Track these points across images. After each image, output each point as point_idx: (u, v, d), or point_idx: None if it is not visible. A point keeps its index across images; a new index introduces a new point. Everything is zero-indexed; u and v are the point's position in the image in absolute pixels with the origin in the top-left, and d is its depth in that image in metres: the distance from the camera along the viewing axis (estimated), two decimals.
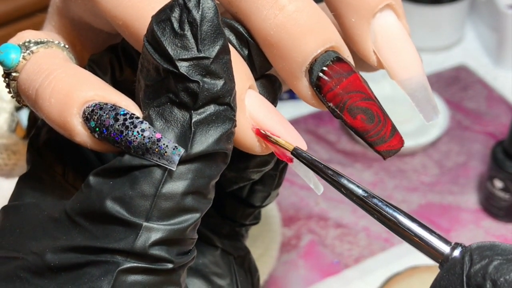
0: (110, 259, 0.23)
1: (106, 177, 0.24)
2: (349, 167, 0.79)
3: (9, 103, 0.49)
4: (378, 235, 0.72)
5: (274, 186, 0.32)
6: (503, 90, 0.90)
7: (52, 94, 0.25)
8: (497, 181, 0.70)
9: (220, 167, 0.24)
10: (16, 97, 0.28)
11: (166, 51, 0.23)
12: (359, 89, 0.25)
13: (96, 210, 0.23)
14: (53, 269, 0.24)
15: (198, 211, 0.24)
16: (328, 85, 0.25)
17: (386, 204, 0.24)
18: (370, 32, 0.26)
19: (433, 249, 0.23)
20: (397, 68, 0.26)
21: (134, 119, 0.23)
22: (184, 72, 0.23)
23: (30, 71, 0.26)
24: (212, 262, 0.31)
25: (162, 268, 0.23)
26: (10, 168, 0.51)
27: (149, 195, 0.23)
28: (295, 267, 0.69)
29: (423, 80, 0.26)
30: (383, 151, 0.25)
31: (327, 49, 0.25)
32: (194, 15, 0.22)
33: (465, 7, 0.95)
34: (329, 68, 0.25)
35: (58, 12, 0.29)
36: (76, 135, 0.25)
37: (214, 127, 0.23)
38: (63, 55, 0.27)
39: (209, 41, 0.23)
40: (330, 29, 0.25)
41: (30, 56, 0.26)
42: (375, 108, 0.25)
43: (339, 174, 0.25)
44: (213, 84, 0.23)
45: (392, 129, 0.25)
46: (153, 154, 0.23)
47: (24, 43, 0.27)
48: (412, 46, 0.26)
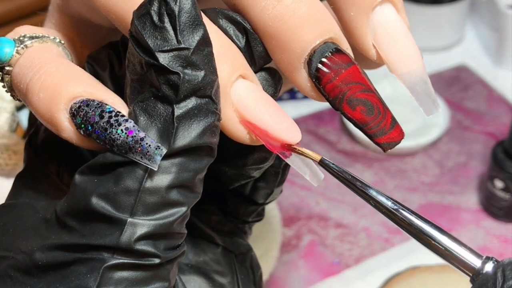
0: (96, 256, 0.23)
1: (91, 175, 0.24)
2: (350, 167, 0.79)
3: (9, 103, 0.49)
4: (379, 235, 0.72)
5: (277, 183, 0.31)
6: (503, 90, 0.90)
7: (41, 88, 0.25)
8: (497, 181, 0.70)
9: (205, 160, 0.24)
10: (10, 91, 0.28)
11: (147, 44, 0.23)
12: (358, 80, 0.25)
13: (82, 208, 0.23)
14: (41, 268, 0.24)
15: (184, 205, 0.24)
16: (327, 76, 0.25)
17: (416, 217, 0.24)
18: (370, 26, 0.26)
19: (465, 263, 0.23)
20: (397, 61, 0.26)
21: (119, 117, 0.23)
22: (164, 63, 0.23)
23: (23, 65, 0.26)
24: (213, 260, 0.31)
25: (148, 264, 0.23)
26: (11, 168, 0.51)
27: (133, 190, 0.23)
28: (296, 267, 0.69)
29: (423, 73, 0.26)
30: (383, 143, 0.25)
31: (326, 41, 0.25)
32: (172, 7, 0.22)
33: (465, 7, 0.95)
34: (328, 59, 0.24)
35: (58, 9, 0.30)
36: (63, 130, 0.25)
37: (197, 121, 0.23)
38: (57, 50, 0.27)
39: (188, 32, 0.23)
40: (329, 20, 0.25)
41: (24, 51, 0.26)
42: (374, 99, 0.25)
43: (368, 185, 0.25)
44: (194, 75, 0.23)
45: (392, 121, 0.25)
46: (136, 153, 0.23)
47: (19, 37, 0.27)
48: (412, 39, 0.26)
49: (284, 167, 0.32)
